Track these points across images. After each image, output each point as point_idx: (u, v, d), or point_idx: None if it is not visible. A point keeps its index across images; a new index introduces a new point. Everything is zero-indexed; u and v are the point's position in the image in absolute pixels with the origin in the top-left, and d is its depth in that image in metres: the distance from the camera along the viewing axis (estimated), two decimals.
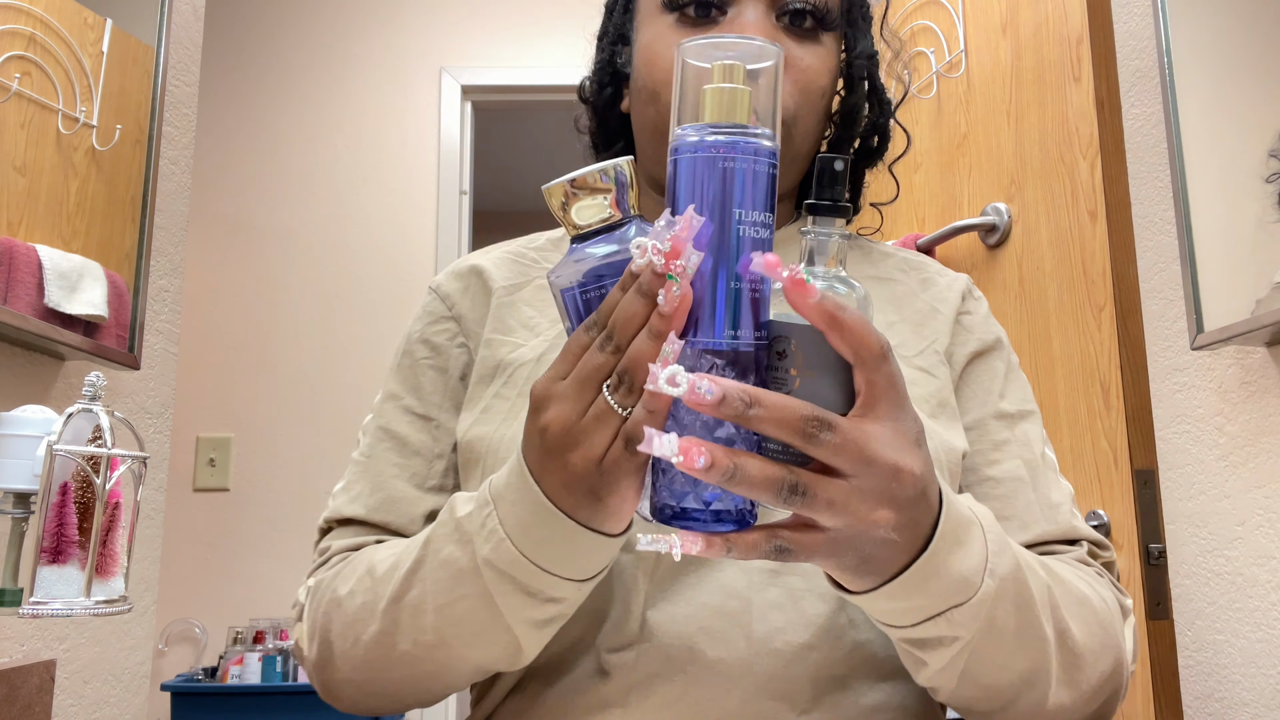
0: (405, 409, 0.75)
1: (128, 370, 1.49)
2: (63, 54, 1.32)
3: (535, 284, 0.76)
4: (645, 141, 0.75)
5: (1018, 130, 1.49)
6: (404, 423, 0.74)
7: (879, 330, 0.66)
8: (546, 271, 0.74)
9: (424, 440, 0.74)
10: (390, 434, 0.74)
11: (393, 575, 0.61)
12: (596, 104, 0.82)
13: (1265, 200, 1.11)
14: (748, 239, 0.45)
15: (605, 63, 0.80)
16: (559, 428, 0.48)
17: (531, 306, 0.74)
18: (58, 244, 1.31)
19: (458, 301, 0.77)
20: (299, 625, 0.70)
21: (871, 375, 0.45)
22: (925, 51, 1.72)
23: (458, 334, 0.76)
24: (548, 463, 0.50)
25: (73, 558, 0.95)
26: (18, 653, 1.24)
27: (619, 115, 0.81)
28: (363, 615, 0.62)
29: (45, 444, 0.96)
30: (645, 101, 0.72)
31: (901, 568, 0.49)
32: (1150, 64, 1.34)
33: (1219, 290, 1.18)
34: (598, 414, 0.47)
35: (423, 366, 0.76)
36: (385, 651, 0.61)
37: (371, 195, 2.77)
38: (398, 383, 0.77)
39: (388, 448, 0.74)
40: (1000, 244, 1.51)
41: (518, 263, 0.78)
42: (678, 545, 0.44)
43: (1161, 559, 1.28)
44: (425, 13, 2.89)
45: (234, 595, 2.51)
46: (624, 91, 0.80)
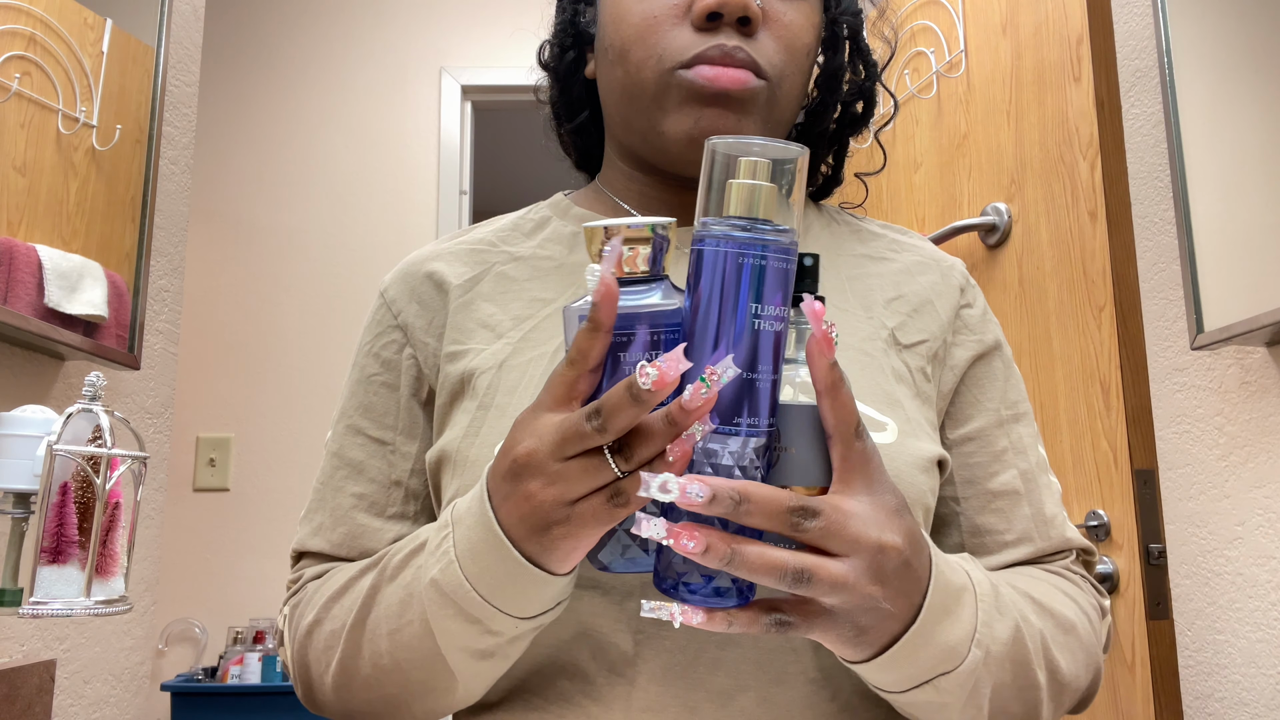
0: (357, 430, 0.71)
1: (128, 370, 1.49)
2: (63, 54, 1.32)
3: (494, 273, 0.70)
4: (613, 105, 0.70)
5: (1018, 130, 1.49)
6: (357, 446, 0.70)
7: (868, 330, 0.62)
8: (505, 256, 0.71)
9: (380, 466, 0.70)
10: (345, 460, 0.70)
11: (354, 601, 0.61)
12: (558, 69, 0.76)
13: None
14: (764, 332, 0.47)
15: (567, 24, 0.75)
16: (530, 460, 0.47)
17: (490, 302, 0.69)
18: (58, 244, 1.31)
19: (404, 309, 0.71)
20: (283, 649, 0.69)
21: (846, 451, 0.47)
22: (925, 51, 1.72)
23: (405, 344, 0.70)
24: (512, 490, 0.49)
25: (73, 558, 0.95)
26: (18, 653, 1.24)
27: (582, 81, 0.76)
28: (330, 642, 0.62)
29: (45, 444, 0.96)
30: (613, 61, 0.67)
31: (894, 638, 0.50)
32: (1150, 64, 1.34)
33: (1219, 290, 1.18)
34: (586, 466, 0.46)
35: (374, 384, 0.71)
36: (351, 676, 0.61)
37: (371, 195, 2.77)
38: (351, 401, 0.72)
39: (344, 475, 0.70)
40: (1000, 244, 1.51)
41: (474, 252, 0.72)
42: (678, 615, 0.46)
43: (1161, 559, 1.28)
44: (425, 13, 2.89)
45: (234, 595, 2.51)
46: (587, 55, 0.75)
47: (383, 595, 0.58)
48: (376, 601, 0.59)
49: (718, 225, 0.47)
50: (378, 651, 0.58)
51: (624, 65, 0.66)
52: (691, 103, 0.63)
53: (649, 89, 0.65)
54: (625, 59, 0.66)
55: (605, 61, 0.69)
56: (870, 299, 0.71)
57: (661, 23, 0.64)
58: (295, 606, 0.68)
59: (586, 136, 0.79)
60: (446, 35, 2.88)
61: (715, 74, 0.62)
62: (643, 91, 0.65)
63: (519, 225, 0.74)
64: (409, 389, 0.70)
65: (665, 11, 0.64)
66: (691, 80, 0.63)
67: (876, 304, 0.71)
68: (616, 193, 0.74)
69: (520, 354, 0.65)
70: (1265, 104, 1.11)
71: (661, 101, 0.64)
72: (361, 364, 0.72)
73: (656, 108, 0.65)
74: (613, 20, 0.67)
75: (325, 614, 0.63)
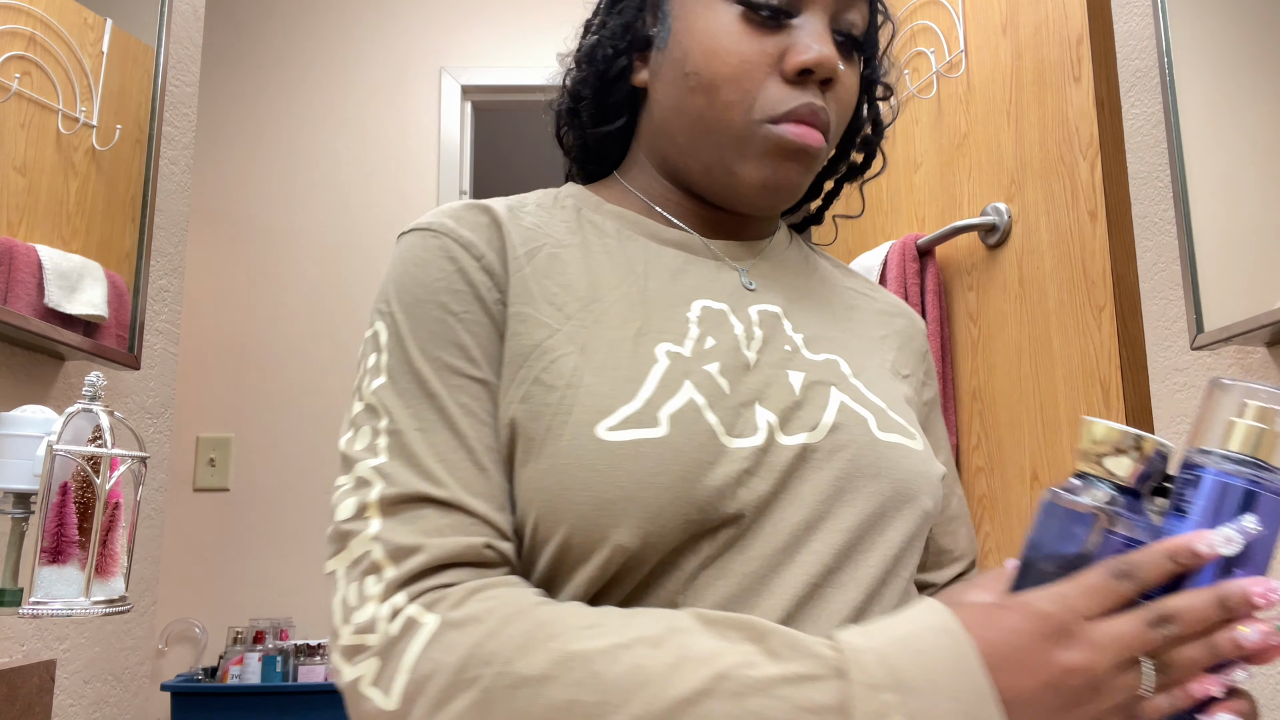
0: (450, 369, 0.61)
1: (128, 370, 1.49)
2: (63, 54, 1.32)
3: (547, 252, 0.66)
4: (676, 126, 0.70)
5: (1018, 130, 1.49)
6: (456, 388, 0.60)
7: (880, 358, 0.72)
8: (552, 240, 0.67)
9: (489, 397, 0.61)
10: (434, 395, 0.60)
11: (641, 687, 0.47)
12: (606, 71, 0.73)
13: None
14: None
15: (625, 28, 0.73)
16: (1089, 675, 0.47)
17: (550, 279, 0.65)
18: (58, 244, 1.31)
19: (485, 253, 0.65)
20: (371, 661, 0.52)
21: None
22: (925, 51, 1.72)
23: (491, 288, 0.64)
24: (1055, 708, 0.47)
25: (73, 558, 0.95)
26: (18, 653, 1.24)
27: (626, 87, 0.74)
28: (570, 718, 0.47)
29: (45, 444, 0.96)
30: (693, 89, 0.67)
31: None
32: (1150, 64, 1.34)
33: (1219, 290, 1.18)
34: (1131, 684, 0.47)
35: (465, 321, 0.62)
36: None
37: (371, 195, 2.77)
38: (424, 343, 0.61)
39: (439, 418, 0.59)
40: (1000, 244, 1.51)
41: (522, 226, 0.68)
42: None
43: None
44: (425, 13, 2.89)
45: (234, 595, 2.51)
46: (636, 62, 0.74)
47: (712, 710, 0.46)
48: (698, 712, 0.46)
49: (1222, 458, 0.52)
50: None
51: (708, 99, 0.67)
52: (772, 155, 0.66)
53: (733, 131, 0.67)
54: (712, 94, 0.67)
55: (678, 85, 0.69)
56: (868, 333, 0.76)
57: (756, 69, 0.66)
58: (454, 626, 0.51)
59: (610, 139, 0.78)
60: (446, 35, 2.88)
61: (801, 132, 0.66)
62: (725, 131, 0.67)
63: (551, 210, 0.72)
64: (494, 321, 0.63)
65: (760, 59, 0.66)
66: (780, 135, 0.66)
67: (873, 337, 0.76)
68: (652, 199, 0.74)
69: (597, 338, 0.62)
70: (1265, 104, 1.11)
71: (742, 148, 0.67)
72: (421, 309, 0.62)
73: (735, 151, 0.67)
74: (702, 51, 0.67)
75: (563, 673, 0.48)
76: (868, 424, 0.64)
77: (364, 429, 0.60)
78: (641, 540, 0.55)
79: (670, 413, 0.58)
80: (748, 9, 0.66)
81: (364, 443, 0.60)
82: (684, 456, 0.56)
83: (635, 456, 0.56)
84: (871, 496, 0.62)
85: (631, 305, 0.65)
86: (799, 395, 0.63)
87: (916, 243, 1.62)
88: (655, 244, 0.70)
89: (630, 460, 0.55)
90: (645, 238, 0.70)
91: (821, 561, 0.59)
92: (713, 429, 0.58)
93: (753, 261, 0.73)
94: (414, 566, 0.54)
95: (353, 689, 0.52)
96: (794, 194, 0.69)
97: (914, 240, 1.62)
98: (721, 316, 0.66)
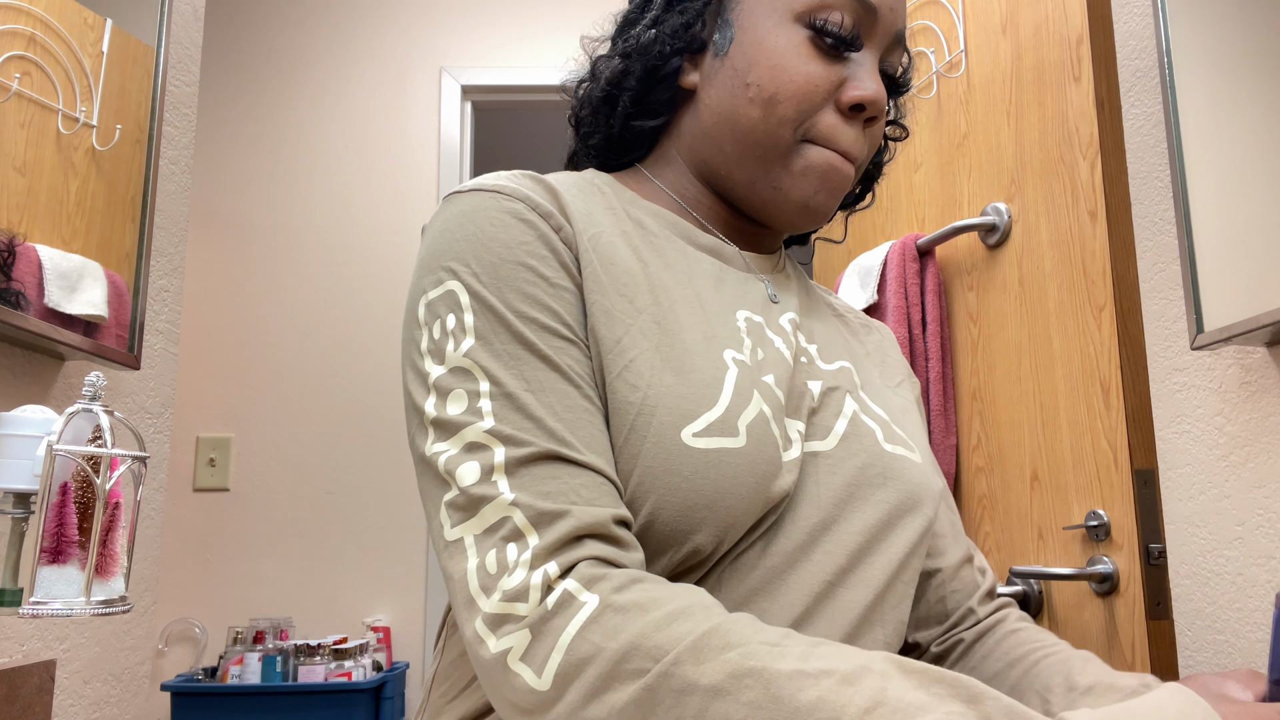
0: (549, 330, 0.58)
1: (128, 370, 1.49)
2: (63, 54, 1.32)
3: (606, 238, 0.64)
4: (727, 137, 0.70)
5: (1018, 130, 1.49)
6: (557, 349, 0.58)
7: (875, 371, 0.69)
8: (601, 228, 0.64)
9: (588, 363, 0.59)
10: (540, 354, 0.57)
11: (826, 711, 0.44)
12: (658, 69, 0.72)
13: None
14: None
15: (684, 27, 0.72)
16: None
17: (616, 267, 0.63)
18: (58, 244, 1.31)
19: (563, 224, 0.62)
20: (521, 635, 0.49)
21: None
22: (925, 51, 1.72)
23: (573, 260, 0.62)
24: None
25: (73, 558, 0.95)
26: (18, 653, 1.24)
27: (674, 87, 0.74)
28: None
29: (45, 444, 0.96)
30: (751, 100, 0.68)
31: None
32: (1150, 64, 1.34)
33: (1219, 290, 1.18)
34: None
35: (556, 287, 0.60)
36: None
37: (371, 195, 2.77)
38: (516, 304, 0.58)
39: (550, 376, 0.57)
40: (1000, 244, 1.51)
41: (575, 207, 0.66)
42: None
43: (1161, 559, 1.28)
44: (425, 13, 2.89)
45: (234, 595, 2.51)
46: (686, 64, 0.73)
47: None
48: None
49: None
50: None
51: (765, 112, 0.68)
52: (819, 175, 0.69)
53: (781, 146, 0.69)
54: (770, 108, 0.68)
55: (734, 93, 0.70)
56: (857, 348, 0.79)
57: (818, 93, 0.68)
58: (617, 610, 0.48)
59: (642, 134, 0.78)
60: (446, 35, 2.88)
61: (844, 162, 0.70)
62: (774, 145, 0.69)
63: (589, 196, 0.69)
64: (579, 291, 0.61)
65: (824, 83, 0.68)
66: (829, 160, 0.69)
67: (860, 354, 0.79)
68: (685, 200, 0.75)
69: (671, 338, 0.61)
70: (1265, 104, 1.11)
71: (788, 164, 0.69)
72: (509, 270, 0.59)
73: (781, 166, 0.69)
74: (769, 65, 0.68)
75: (738, 691, 0.45)
76: (875, 435, 0.67)
77: (457, 392, 0.56)
78: (715, 543, 0.57)
79: (747, 423, 0.59)
80: (817, 35, 0.68)
81: (460, 406, 0.56)
82: (757, 468, 0.58)
83: (719, 465, 0.57)
84: (880, 504, 0.64)
85: (692, 308, 0.65)
86: (817, 402, 0.66)
87: (916, 243, 1.62)
88: (693, 249, 0.71)
89: (714, 469, 0.56)
90: (683, 240, 0.71)
91: (835, 561, 0.61)
92: (777, 441, 0.60)
93: (772, 275, 0.75)
94: (562, 534, 0.51)
95: (499, 662, 0.49)
96: (827, 217, 0.71)
97: (914, 240, 1.62)
98: (760, 329, 0.68)
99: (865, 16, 0.69)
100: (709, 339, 0.63)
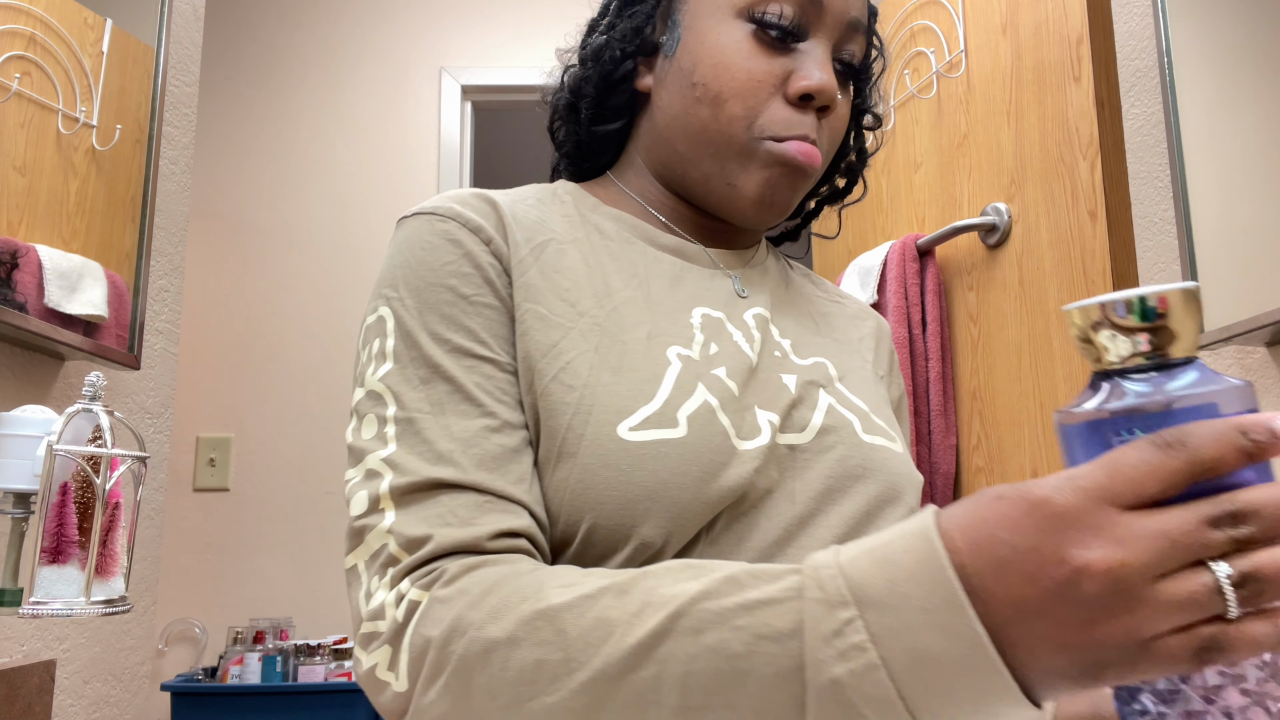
0: (461, 351, 0.60)
1: (128, 370, 1.49)
2: (63, 54, 1.32)
3: (554, 247, 0.66)
4: (677, 134, 0.71)
5: (1018, 130, 1.49)
6: (465, 369, 0.59)
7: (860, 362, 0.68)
8: (555, 235, 0.67)
9: (505, 378, 0.60)
10: (450, 378, 0.59)
11: (604, 640, 0.45)
12: (612, 74, 0.74)
13: None
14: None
15: (634, 32, 0.74)
16: (1116, 577, 0.35)
17: (560, 275, 0.65)
18: (58, 244, 1.31)
19: (493, 237, 0.64)
20: (385, 650, 0.52)
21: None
22: (925, 51, 1.72)
23: (501, 272, 0.63)
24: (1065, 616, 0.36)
25: (73, 558, 0.95)
26: (18, 653, 1.24)
27: (630, 90, 0.75)
28: (538, 679, 0.46)
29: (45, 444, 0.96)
30: (699, 99, 0.69)
31: None
32: (1150, 64, 1.34)
33: (1219, 290, 1.18)
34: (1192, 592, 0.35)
35: (476, 304, 0.61)
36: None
37: (371, 195, 2.77)
38: (434, 326, 0.60)
39: (453, 395, 0.58)
40: (1000, 244, 1.51)
41: (522, 217, 0.68)
42: None
43: None
44: (425, 13, 2.89)
45: (234, 595, 2.51)
46: (641, 67, 0.75)
47: (673, 652, 0.43)
48: (657, 656, 0.43)
49: None
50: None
51: (713, 110, 0.68)
52: (772, 171, 0.68)
53: (734, 144, 0.68)
54: (718, 107, 0.68)
55: (683, 94, 0.70)
56: (846, 336, 0.78)
57: (763, 87, 0.68)
58: (444, 602, 0.51)
59: (606, 139, 0.79)
60: (446, 35, 2.88)
61: (804, 150, 0.67)
62: (727, 144, 0.68)
63: (549, 205, 0.72)
64: (505, 304, 0.62)
65: (768, 77, 0.68)
66: (782, 151, 0.67)
67: (851, 340, 0.78)
68: (648, 203, 0.75)
69: (611, 338, 0.63)
70: (1265, 104, 1.11)
71: (744, 161, 0.68)
72: (431, 293, 0.61)
73: (736, 164, 0.69)
74: (711, 63, 0.69)
75: (530, 634, 0.47)
76: (854, 427, 0.66)
77: (369, 417, 0.59)
78: (665, 536, 0.56)
79: (688, 414, 0.59)
80: (759, 28, 0.68)
81: (371, 431, 0.59)
82: (702, 457, 0.58)
83: (657, 456, 0.57)
84: (860, 496, 0.63)
85: (639, 308, 0.65)
86: (795, 395, 0.65)
87: (916, 243, 1.62)
88: (653, 249, 0.71)
89: (653, 460, 0.56)
90: (643, 242, 0.71)
91: None
92: (726, 430, 0.60)
93: (743, 270, 0.75)
94: (423, 555, 0.53)
95: (370, 676, 0.53)
96: (786, 211, 0.70)
97: (914, 240, 1.62)
98: (720, 324, 0.67)
99: (809, 6, 0.68)
100: (652, 337, 0.63)
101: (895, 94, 1.82)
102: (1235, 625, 0.34)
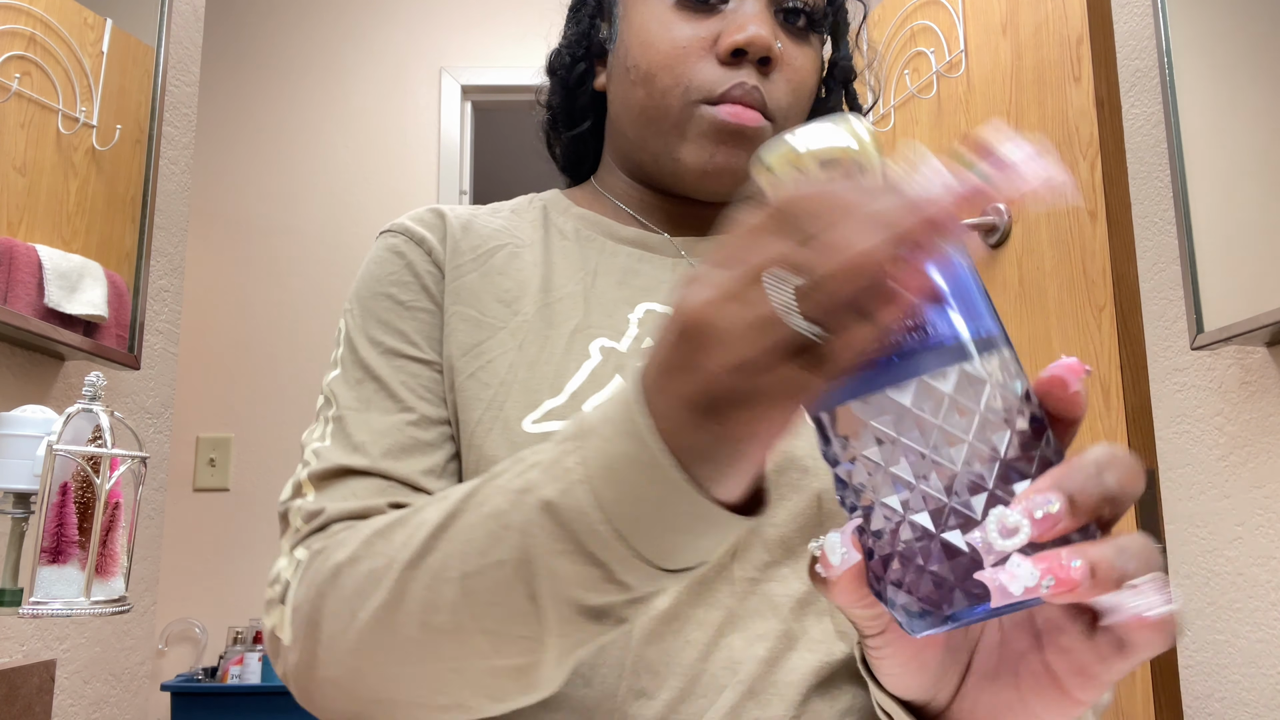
0: (391, 352, 0.64)
1: (128, 370, 1.49)
2: (63, 54, 1.32)
3: (508, 250, 0.69)
4: (627, 123, 0.71)
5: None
6: (393, 369, 0.63)
7: None
8: (516, 240, 0.69)
9: (431, 376, 0.64)
10: (377, 378, 0.63)
11: (414, 534, 0.47)
12: (567, 79, 0.77)
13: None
14: None
15: (581, 36, 0.76)
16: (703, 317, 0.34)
17: (504, 275, 0.67)
18: (58, 244, 1.31)
19: (435, 247, 0.68)
20: (278, 609, 0.54)
21: None
22: (925, 51, 1.72)
23: (439, 279, 0.67)
24: (680, 363, 0.35)
25: (73, 558, 0.95)
26: (18, 653, 1.24)
27: (590, 92, 0.77)
28: (365, 586, 0.48)
29: (45, 444, 0.96)
30: (634, 83, 0.69)
31: None
32: (1150, 64, 1.34)
33: (1219, 290, 1.18)
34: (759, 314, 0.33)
35: (411, 309, 0.65)
36: (385, 635, 0.47)
37: (371, 195, 2.77)
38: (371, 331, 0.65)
39: (378, 394, 0.63)
40: (1000, 244, 1.51)
41: (481, 227, 0.70)
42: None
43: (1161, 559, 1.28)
44: (425, 13, 2.89)
45: (234, 595, 2.51)
46: (597, 68, 0.76)
47: (459, 527, 0.45)
48: (449, 534, 0.45)
49: None
50: (436, 603, 0.44)
51: (647, 89, 0.68)
52: (711, 136, 0.66)
53: (671, 116, 0.67)
54: (650, 84, 0.68)
55: (624, 81, 0.70)
56: None
57: (689, 54, 0.66)
58: (317, 553, 0.53)
59: (582, 143, 0.81)
60: (446, 35, 2.88)
61: (736, 112, 0.65)
62: (664, 118, 0.67)
63: (523, 213, 0.75)
64: (441, 308, 0.66)
65: (692, 43, 0.66)
66: (714, 115, 0.65)
67: None
68: (618, 197, 0.76)
69: (536, 334, 0.64)
70: (1265, 104, 1.11)
71: (682, 131, 0.67)
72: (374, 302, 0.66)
73: (676, 135, 0.67)
74: (638, 44, 0.69)
75: (366, 551, 0.50)
76: None
77: (319, 418, 0.64)
78: None
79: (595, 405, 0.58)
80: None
81: (317, 430, 0.63)
82: None
83: None
84: (807, 491, 0.59)
85: (574, 304, 0.66)
86: None
87: None
88: (612, 243, 0.71)
89: None
90: (603, 237, 0.71)
91: (759, 557, 0.58)
92: None
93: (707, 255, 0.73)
94: (318, 523, 0.56)
95: (271, 636, 0.55)
96: (736, 176, 0.67)
97: None
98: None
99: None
100: (579, 331, 0.63)
101: (895, 94, 1.82)
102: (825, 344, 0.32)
